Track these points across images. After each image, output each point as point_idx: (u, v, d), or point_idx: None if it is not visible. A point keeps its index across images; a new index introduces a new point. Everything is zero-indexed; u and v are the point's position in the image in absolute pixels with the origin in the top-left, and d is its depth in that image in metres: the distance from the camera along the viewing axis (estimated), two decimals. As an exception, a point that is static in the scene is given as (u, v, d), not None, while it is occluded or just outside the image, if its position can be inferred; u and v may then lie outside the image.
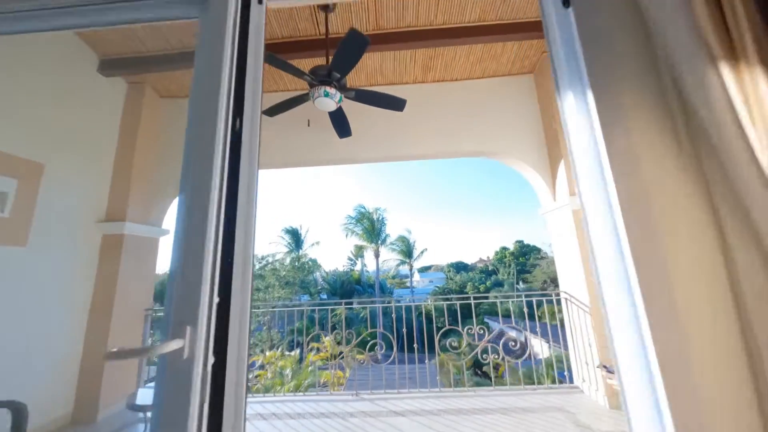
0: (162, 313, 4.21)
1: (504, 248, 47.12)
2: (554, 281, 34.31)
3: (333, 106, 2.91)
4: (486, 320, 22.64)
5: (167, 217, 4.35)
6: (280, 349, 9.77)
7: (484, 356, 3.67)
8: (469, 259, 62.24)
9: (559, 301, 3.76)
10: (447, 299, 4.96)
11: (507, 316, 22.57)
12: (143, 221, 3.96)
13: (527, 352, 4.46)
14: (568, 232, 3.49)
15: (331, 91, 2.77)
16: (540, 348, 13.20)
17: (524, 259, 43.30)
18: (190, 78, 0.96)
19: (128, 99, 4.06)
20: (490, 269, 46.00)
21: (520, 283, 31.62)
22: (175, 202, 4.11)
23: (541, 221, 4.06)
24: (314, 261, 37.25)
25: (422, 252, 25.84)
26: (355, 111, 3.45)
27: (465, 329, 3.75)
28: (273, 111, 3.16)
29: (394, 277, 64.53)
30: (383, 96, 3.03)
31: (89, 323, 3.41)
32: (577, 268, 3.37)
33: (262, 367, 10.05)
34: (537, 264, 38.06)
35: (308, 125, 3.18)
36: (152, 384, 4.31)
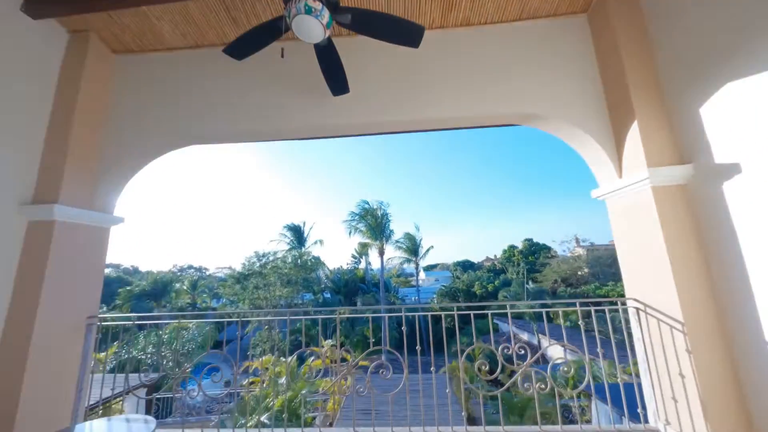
0: (118, 322, 3.37)
1: (512, 246, 45.86)
2: (565, 281, 33.14)
3: (320, 33, 2.00)
4: (496, 322, 21.67)
5: (122, 202, 3.51)
6: (276, 354, 9.02)
7: (526, 385, 2.75)
8: (476, 258, 61.10)
9: (625, 311, 2.82)
10: (481, 308, 4.01)
11: (518, 317, 21.56)
12: (86, 205, 3.12)
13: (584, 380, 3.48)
14: (646, 216, 2.55)
15: (315, 5, 1.86)
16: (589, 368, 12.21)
17: (533, 258, 42.05)
18: (150, 24, 0.26)
19: (67, 53, 3.21)
20: (497, 268, 44.81)
21: (530, 282, 30.50)
22: (135, 186, 3.23)
23: (554, 217, 3.11)
24: (317, 259, 36.61)
25: (428, 250, 24.93)
26: (347, 59, 2.56)
27: (500, 348, 2.83)
28: (236, 49, 2.28)
29: (399, 276, 63.72)
30: (391, 21, 2.11)
31: (3, 336, 2.58)
32: (661, 268, 2.44)
33: (255, 373, 9.30)
34: (547, 263, 36.83)
35: (282, 56, 2.29)
36: (99, 420, 3.44)
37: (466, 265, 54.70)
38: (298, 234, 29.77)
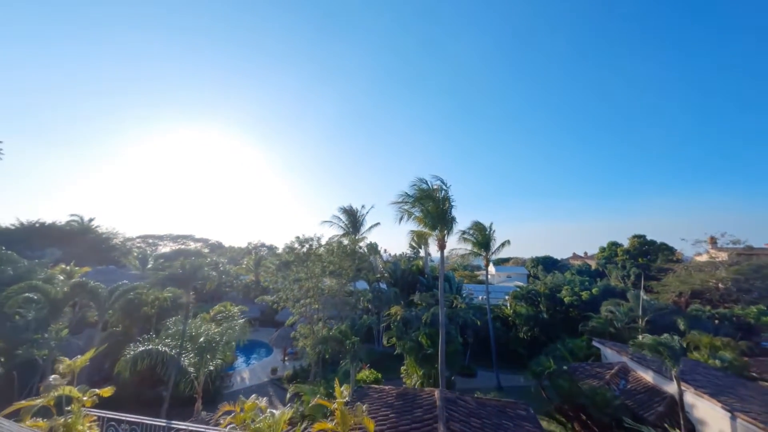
0: None
1: (614, 244, 36.50)
2: (700, 296, 24.44)
3: None
4: (596, 345, 16.12)
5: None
6: (265, 400, 6.26)
7: None
8: (560, 254, 51.76)
9: None
10: None
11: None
12: None
13: None
14: None
15: None
16: None
17: (645, 260, 32.62)
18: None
19: None
20: (593, 269, 36.14)
21: (642, 292, 23.04)
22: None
23: (677, 207, 0.25)
24: (374, 245, 34.38)
25: (503, 244, 20.05)
26: None
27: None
28: None
29: (464, 268, 58.21)
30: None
31: None
32: None
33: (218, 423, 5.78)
34: (669, 269, 27.81)
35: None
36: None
37: (548, 263, 46.25)
38: (352, 217, 27.75)
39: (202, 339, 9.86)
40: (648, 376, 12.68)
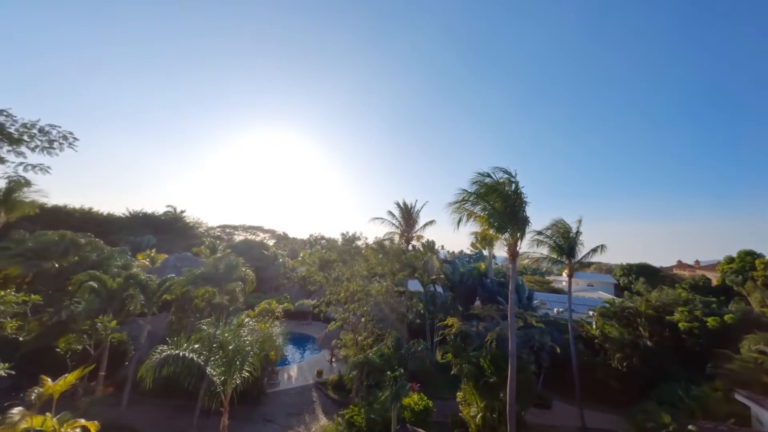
0: None
1: (749, 253, 27.50)
2: None
3: None
4: (741, 399, 11.39)
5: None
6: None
7: None
8: (661, 261, 42.27)
9: None
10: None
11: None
12: None
13: None
14: None
15: None
16: None
17: (804, 278, 23.72)
18: None
19: None
20: (714, 285, 27.71)
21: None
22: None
23: None
24: (430, 243, 31.75)
25: (599, 248, 15.89)
26: None
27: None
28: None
29: (531, 272, 51.32)
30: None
31: None
32: None
33: None
34: None
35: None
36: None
37: (645, 272, 37.29)
38: (406, 213, 25.67)
39: (231, 346, 8.95)
40: None
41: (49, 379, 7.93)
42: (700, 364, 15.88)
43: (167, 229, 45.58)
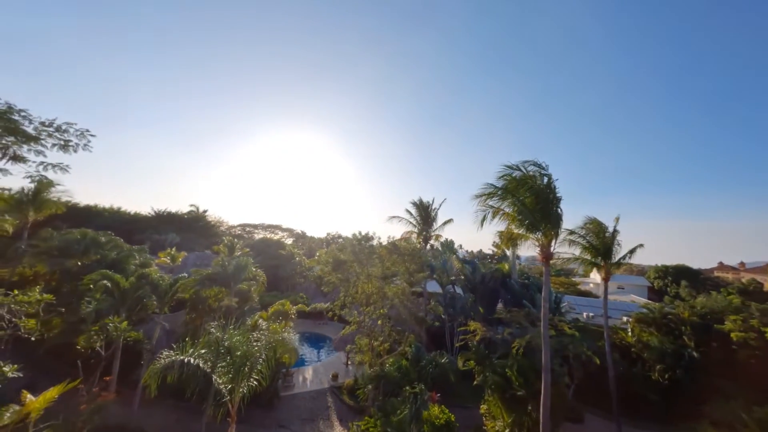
0: None
1: (811, 255, 24.48)
2: None
3: None
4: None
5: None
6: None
7: None
8: (700, 263, 39.14)
9: None
10: None
11: None
12: None
13: None
14: None
15: None
16: None
17: None
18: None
19: None
20: (763, 289, 24.98)
21: None
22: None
23: None
24: (449, 243, 30.61)
25: (634, 250, 14.42)
26: None
27: None
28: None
29: (556, 273, 48.77)
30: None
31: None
32: None
33: None
34: None
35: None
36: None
37: (684, 274, 34.32)
38: (424, 212, 24.72)
39: (239, 352, 8.44)
40: None
41: (29, 395, 7.80)
42: (756, 380, 14.12)
43: (190, 228, 46.73)
